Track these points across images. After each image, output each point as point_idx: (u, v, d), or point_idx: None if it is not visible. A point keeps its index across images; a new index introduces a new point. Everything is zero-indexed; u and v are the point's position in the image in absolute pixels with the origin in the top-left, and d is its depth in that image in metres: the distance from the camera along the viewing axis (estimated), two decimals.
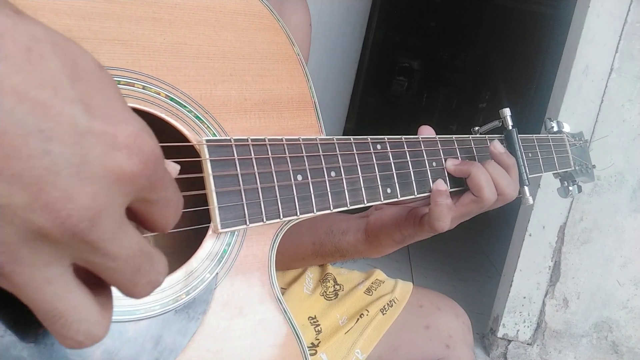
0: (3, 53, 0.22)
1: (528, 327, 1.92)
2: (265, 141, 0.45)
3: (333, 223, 0.72)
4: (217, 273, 0.44)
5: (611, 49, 1.71)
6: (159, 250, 0.29)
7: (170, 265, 0.44)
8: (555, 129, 0.86)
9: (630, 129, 1.74)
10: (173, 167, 0.34)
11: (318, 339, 0.76)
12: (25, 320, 0.33)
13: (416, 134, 0.61)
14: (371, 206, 0.59)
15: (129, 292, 0.28)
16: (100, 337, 0.27)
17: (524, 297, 1.90)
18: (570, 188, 0.86)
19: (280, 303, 0.48)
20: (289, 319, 0.48)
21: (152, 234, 0.30)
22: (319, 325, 0.78)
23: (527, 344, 1.93)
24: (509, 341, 1.94)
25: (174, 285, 0.42)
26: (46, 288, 0.25)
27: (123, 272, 0.27)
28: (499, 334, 1.94)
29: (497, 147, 0.64)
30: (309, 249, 0.74)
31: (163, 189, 0.28)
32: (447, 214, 0.58)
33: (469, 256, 2.96)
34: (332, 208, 0.50)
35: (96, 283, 0.27)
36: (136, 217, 0.28)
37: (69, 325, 0.26)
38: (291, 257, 0.77)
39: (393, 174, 0.56)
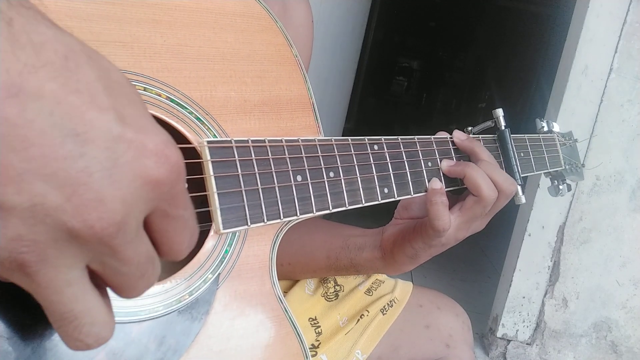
0: (44, 60, 0.23)
1: (527, 327, 1.92)
2: (265, 142, 0.45)
3: (349, 238, 0.71)
4: (219, 273, 0.45)
5: (610, 49, 1.71)
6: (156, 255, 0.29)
7: (173, 266, 0.44)
8: (545, 128, 0.86)
9: (630, 129, 1.74)
10: None
11: (318, 340, 0.76)
12: (30, 322, 0.33)
13: (416, 135, 0.61)
14: (370, 206, 0.59)
15: (126, 295, 0.28)
16: (107, 339, 0.27)
17: (523, 297, 1.90)
18: (561, 187, 0.87)
19: (281, 302, 0.48)
20: (290, 318, 0.48)
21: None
22: (319, 326, 0.78)
23: (527, 344, 1.93)
24: (508, 341, 1.94)
25: (177, 286, 0.42)
26: (66, 290, 0.25)
27: (131, 276, 0.27)
28: (498, 334, 1.94)
29: (457, 134, 0.64)
30: (323, 263, 0.73)
31: (183, 207, 0.28)
32: (444, 212, 0.58)
33: (468, 256, 2.96)
34: (331, 208, 0.50)
35: (98, 283, 0.27)
36: (154, 235, 0.29)
37: (81, 327, 0.26)
38: (302, 269, 0.76)
39: (390, 174, 0.56)
